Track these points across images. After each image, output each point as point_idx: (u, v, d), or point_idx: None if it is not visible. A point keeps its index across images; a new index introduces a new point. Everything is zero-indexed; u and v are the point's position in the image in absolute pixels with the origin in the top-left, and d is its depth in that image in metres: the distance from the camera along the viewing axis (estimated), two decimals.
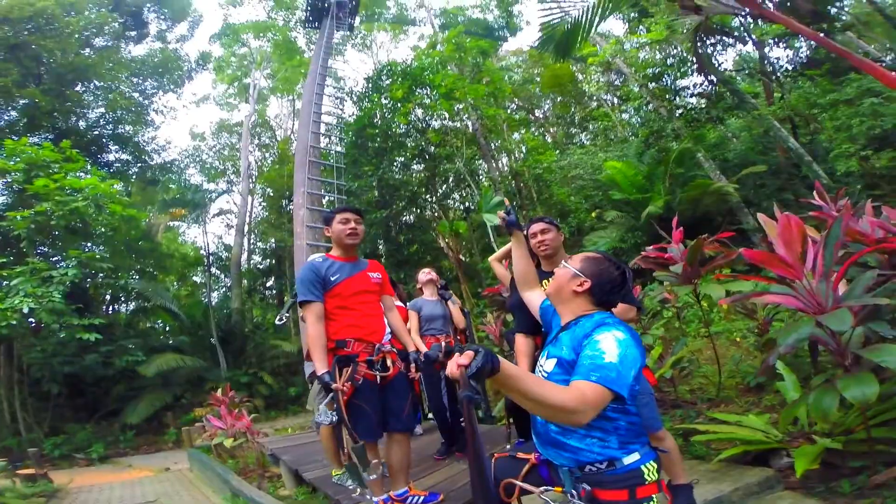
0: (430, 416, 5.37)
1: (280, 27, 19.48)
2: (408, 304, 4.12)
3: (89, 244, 11.38)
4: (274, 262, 19.22)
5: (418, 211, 16.31)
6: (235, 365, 13.19)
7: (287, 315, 4.07)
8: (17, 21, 12.46)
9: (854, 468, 2.37)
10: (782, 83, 9.76)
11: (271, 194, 19.48)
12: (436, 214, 15.61)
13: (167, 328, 14.76)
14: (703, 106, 10.18)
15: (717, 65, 9.87)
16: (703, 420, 3.43)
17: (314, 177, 11.49)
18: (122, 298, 14.45)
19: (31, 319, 9.32)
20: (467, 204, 16.09)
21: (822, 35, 4.10)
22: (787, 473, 2.53)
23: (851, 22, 8.79)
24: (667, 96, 10.52)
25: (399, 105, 13.32)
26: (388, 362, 2.55)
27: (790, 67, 9.94)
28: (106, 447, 10.20)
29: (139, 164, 16.42)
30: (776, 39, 9.19)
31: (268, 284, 19.82)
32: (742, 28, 9.34)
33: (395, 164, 15.49)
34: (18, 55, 12.61)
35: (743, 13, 4.67)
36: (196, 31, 20.66)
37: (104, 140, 15.67)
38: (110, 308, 14.40)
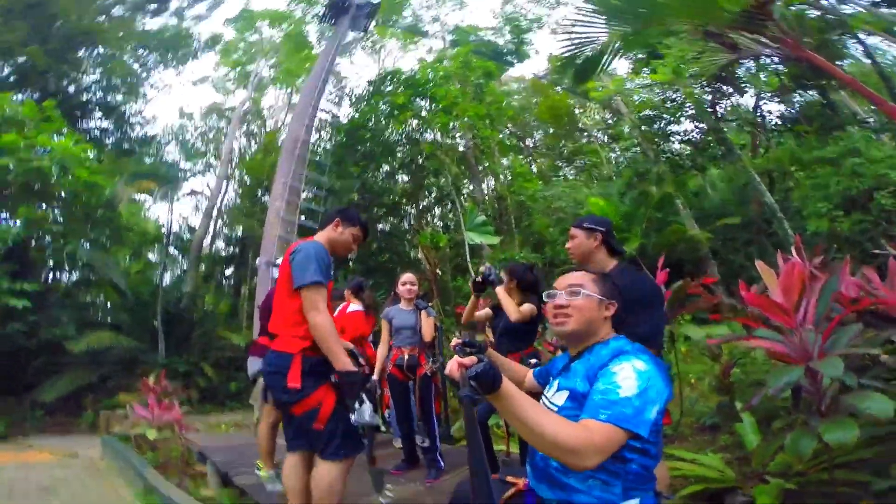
0: (384, 428, 5.07)
1: (296, 19, 19.49)
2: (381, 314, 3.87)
3: (44, 205, 10.60)
4: (238, 250, 18.43)
5: (396, 221, 16.19)
6: (176, 352, 12.21)
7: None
8: None
9: None
10: (769, 137, 10.08)
11: (248, 182, 18.91)
12: (414, 227, 15.49)
13: (108, 304, 13.65)
14: (689, 152, 10.42)
15: (711, 113, 10.10)
16: None
17: (299, 169, 11.20)
18: (67, 267, 13.31)
19: None
20: (447, 222, 16.01)
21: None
22: None
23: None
24: (655, 139, 10.72)
25: (396, 112, 13.30)
26: None
27: (779, 122, 10.26)
28: (8, 425, 9.16)
29: (119, 134, 15.76)
30: (771, 94, 9.49)
31: (227, 273, 18.97)
32: (742, 78, 9.57)
33: (380, 170, 15.42)
34: (34, 12, 12.12)
35: (777, 55, 4.76)
36: (215, 11, 20.73)
37: (90, 106, 15.09)
38: (51, 275, 13.28)
